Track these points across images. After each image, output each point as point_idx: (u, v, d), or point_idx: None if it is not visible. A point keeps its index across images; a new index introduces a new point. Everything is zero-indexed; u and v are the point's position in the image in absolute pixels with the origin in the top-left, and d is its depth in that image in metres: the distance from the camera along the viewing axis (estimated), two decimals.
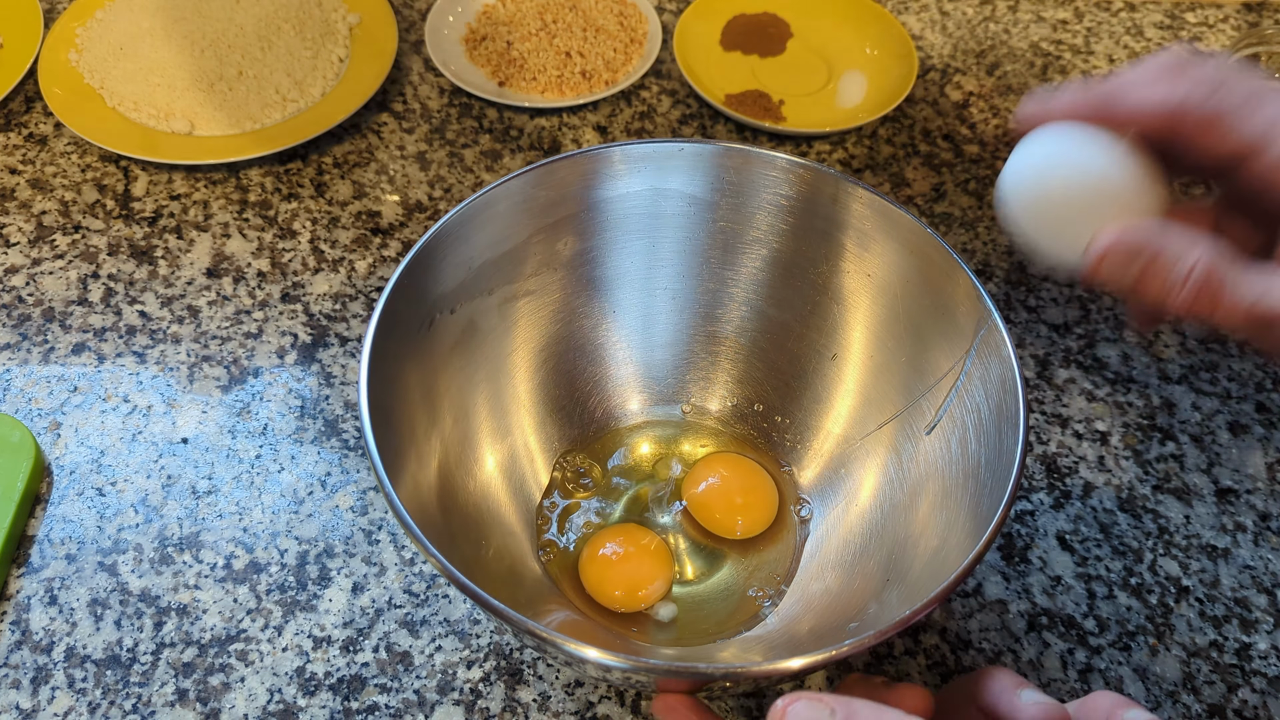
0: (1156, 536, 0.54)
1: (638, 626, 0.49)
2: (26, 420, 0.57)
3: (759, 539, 0.52)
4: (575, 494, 0.53)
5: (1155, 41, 0.82)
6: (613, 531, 0.51)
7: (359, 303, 0.63)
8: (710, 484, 0.52)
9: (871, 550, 0.47)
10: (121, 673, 0.48)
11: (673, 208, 0.51)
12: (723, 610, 0.49)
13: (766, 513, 0.52)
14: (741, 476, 0.53)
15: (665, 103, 0.75)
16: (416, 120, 0.73)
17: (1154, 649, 0.51)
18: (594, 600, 0.49)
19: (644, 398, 0.56)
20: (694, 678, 0.36)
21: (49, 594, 0.51)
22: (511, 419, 0.53)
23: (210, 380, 0.59)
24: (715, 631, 0.49)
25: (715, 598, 0.50)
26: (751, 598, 0.50)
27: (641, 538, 0.50)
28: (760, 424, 0.55)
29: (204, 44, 0.74)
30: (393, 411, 0.43)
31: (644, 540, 0.50)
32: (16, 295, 0.63)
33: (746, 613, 0.49)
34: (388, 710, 0.48)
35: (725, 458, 0.54)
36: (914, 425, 0.48)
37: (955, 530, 0.42)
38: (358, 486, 0.55)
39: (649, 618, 0.49)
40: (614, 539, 0.50)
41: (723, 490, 0.52)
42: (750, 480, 0.53)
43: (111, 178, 0.69)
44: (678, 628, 0.49)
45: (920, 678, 0.49)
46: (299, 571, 0.52)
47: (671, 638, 0.49)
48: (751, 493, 0.52)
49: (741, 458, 0.54)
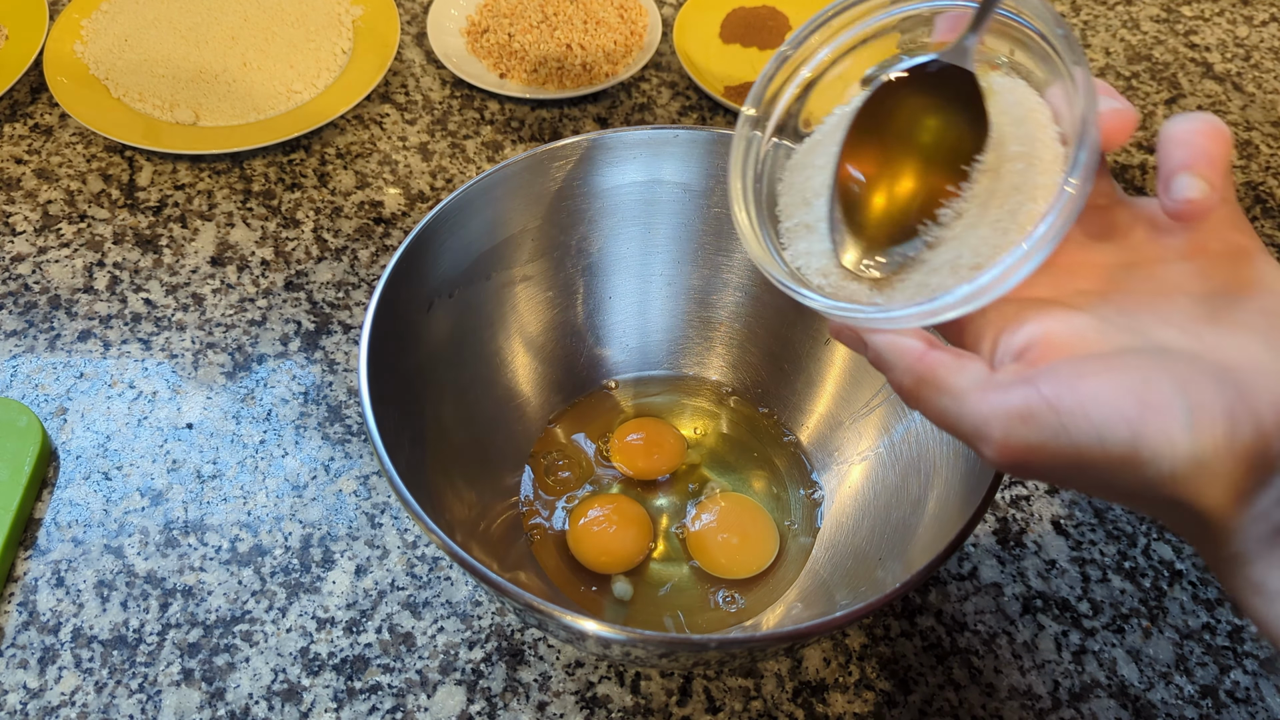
0: (1150, 521, 0.55)
1: (594, 603, 0.50)
2: (33, 406, 0.57)
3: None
4: (554, 489, 0.53)
5: (1152, 35, 0.82)
6: (604, 499, 0.53)
7: (361, 291, 0.63)
8: (712, 523, 0.52)
9: (864, 529, 0.48)
10: (128, 653, 0.49)
11: (668, 194, 0.52)
12: (680, 601, 0.50)
13: (765, 558, 0.51)
14: (741, 520, 0.52)
15: (665, 95, 0.76)
16: (418, 111, 0.74)
17: (1147, 631, 0.51)
18: (572, 572, 0.50)
19: (639, 381, 0.57)
20: (691, 649, 0.36)
21: (56, 576, 0.51)
22: (509, 402, 0.54)
23: (215, 367, 0.60)
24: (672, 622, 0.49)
25: (678, 584, 0.51)
26: (715, 596, 0.50)
27: (628, 507, 0.52)
28: (756, 405, 0.56)
29: (208, 35, 0.74)
30: (393, 394, 0.44)
31: (630, 509, 0.51)
32: (23, 283, 0.63)
33: (705, 605, 0.50)
34: (390, 690, 0.48)
35: (730, 499, 0.53)
36: (904, 406, 0.49)
37: (947, 508, 0.42)
38: (360, 471, 0.55)
39: (605, 594, 0.50)
40: (603, 505, 0.52)
41: (721, 531, 0.51)
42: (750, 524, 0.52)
43: (116, 167, 0.70)
44: (629, 607, 0.50)
45: (916, 659, 0.50)
46: (303, 554, 0.52)
47: (623, 618, 0.49)
48: (750, 538, 0.51)
49: (744, 499, 0.53)
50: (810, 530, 0.52)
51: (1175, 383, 0.27)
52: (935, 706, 0.49)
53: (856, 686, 0.49)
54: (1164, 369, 0.27)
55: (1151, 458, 0.26)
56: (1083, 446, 0.27)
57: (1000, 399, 0.28)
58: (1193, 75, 0.79)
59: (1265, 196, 0.71)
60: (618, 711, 0.48)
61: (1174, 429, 0.26)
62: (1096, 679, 0.50)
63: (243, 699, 0.48)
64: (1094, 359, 0.28)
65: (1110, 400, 0.27)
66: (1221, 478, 0.27)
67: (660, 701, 0.48)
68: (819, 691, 0.49)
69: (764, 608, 0.49)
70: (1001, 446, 0.28)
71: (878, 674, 0.49)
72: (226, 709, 0.47)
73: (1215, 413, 0.27)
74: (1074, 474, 0.28)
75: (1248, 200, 0.71)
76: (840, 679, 0.49)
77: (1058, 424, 0.27)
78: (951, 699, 0.49)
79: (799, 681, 0.49)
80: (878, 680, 0.49)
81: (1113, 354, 0.29)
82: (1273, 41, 0.82)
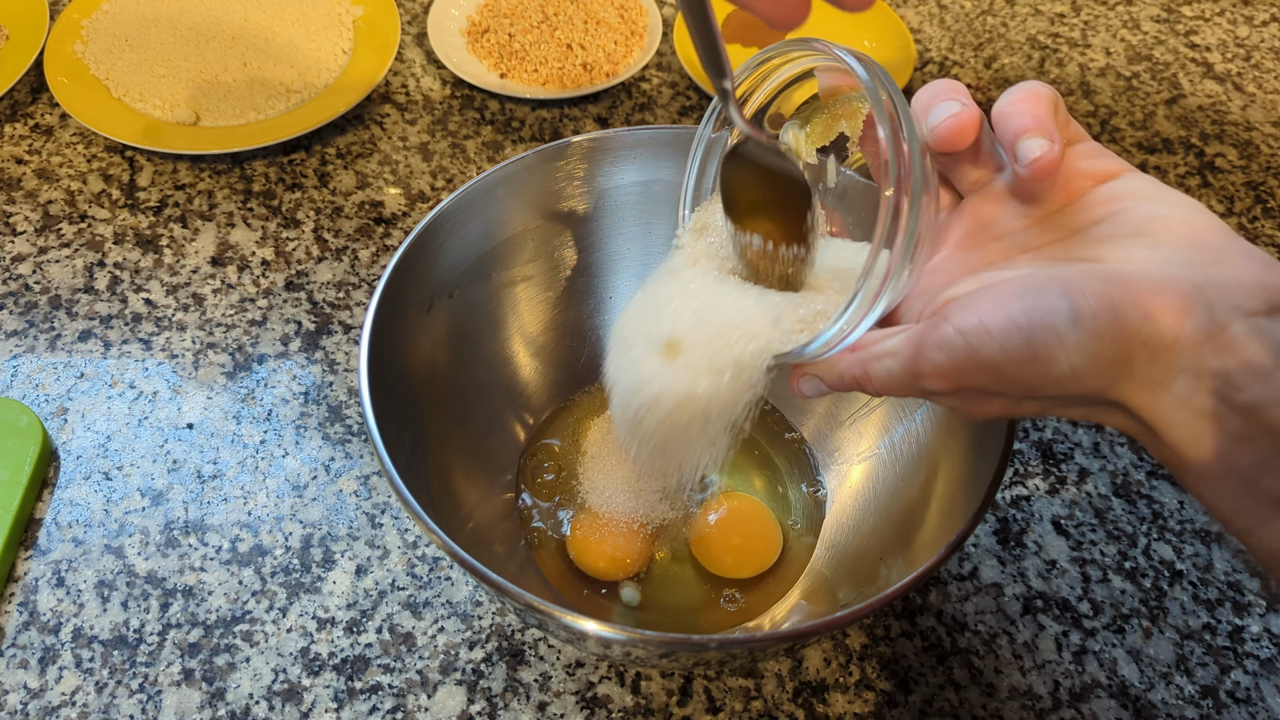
0: (1150, 521, 0.55)
1: (602, 609, 0.50)
2: (34, 406, 0.57)
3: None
4: (542, 491, 0.53)
5: (1152, 35, 0.82)
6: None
7: (362, 291, 0.63)
8: (715, 523, 0.52)
9: (865, 529, 0.48)
10: (128, 653, 0.49)
11: (668, 194, 0.52)
12: (685, 598, 0.50)
13: (769, 558, 0.51)
14: (745, 520, 0.52)
15: (666, 94, 0.76)
16: (419, 112, 0.74)
17: (1148, 631, 0.51)
18: (571, 575, 0.50)
19: None
20: (691, 649, 0.36)
21: (56, 576, 0.51)
22: (509, 402, 0.54)
23: (215, 367, 0.60)
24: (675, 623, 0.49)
25: (683, 584, 0.51)
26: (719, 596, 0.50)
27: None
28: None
29: (208, 35, 0.74)
30: (394, 394, 0.44)
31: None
32: (24, 283, 0.63)
33: (712, 604, 0.50)
34: (391, 690, 0.48)
35: (734, 499, 0.53)
36: (906, 406, 0.49)
37: (948, 508, 0.42)
38: (361, 471, 0.55)
39: (614, 600, 0.50)
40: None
41: (723, 532, 0.51)
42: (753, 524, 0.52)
43: (117, 167, 0.70)
44: (638, 612, 0.50)
45: (917, 659, 0.50)
46: (303, 554, 0.52)
47: (633, 621, 0.49)
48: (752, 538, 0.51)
49: (747, 498, 0.53)
50: (813, 529, 0.52)
51: (1058, 287, 0.30)
52: (935, 707, 0.49)
53: (857, 686, 0.49)
54: (1049, 280, 0.30)
55: (1049, 355, 0.29)
56: (993, 359, 0.30)
57: (918, 339, 0.32)
58: (1193, 75, 0.79)
59: (1265, 196, 0.71)
60: (618, 711, 0.48)
61: (1059, 324, 0.29)
62: (1097, 679, 0.50)
63: (243, 699, 0.48)
64: (987, 288, 0.32)
65: (1002, 313, 0.30)
66: (1120, 365, 0.29)
67: (660, 701, 0.48)
68: (819, 691, 0.49)
69: (768, 606, 0.49)
70: (932, 375, 0.32)
71: (878, 674, 0.49)
72: (227, 709, 0.47)
73: (1096, 304, 0.29)
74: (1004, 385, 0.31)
75: (1248, 200, 0.71)
76: (841, 679, 0.49)
77: (966, 344, 0.31)
78: (952, 699, 0.49)
79: (799, 681, 0.49)
80: (878, 680, 0.49)
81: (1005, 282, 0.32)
82: (1273, 41, 0.82)
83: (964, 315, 0.31)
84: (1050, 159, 0.32)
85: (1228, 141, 0.74)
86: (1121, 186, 0.33)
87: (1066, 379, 0.30)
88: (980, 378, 0.31)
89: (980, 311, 0.31)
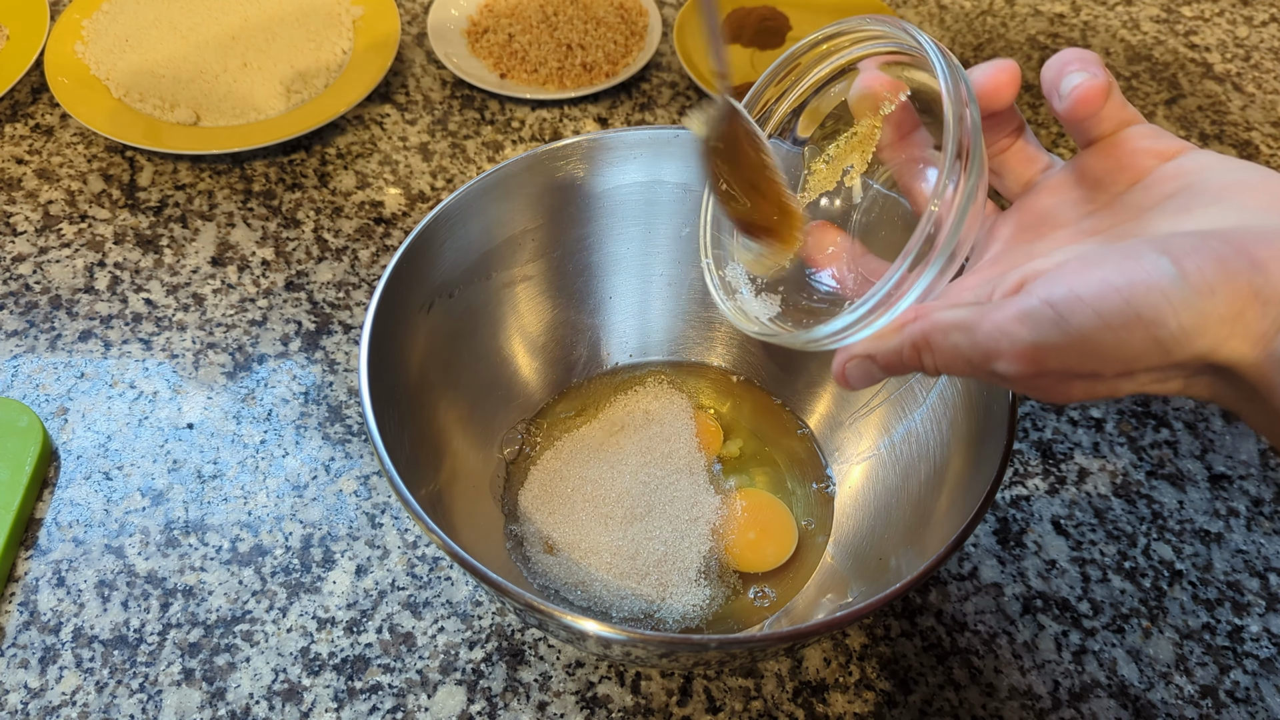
0: (1150, 521, 0.55)
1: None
2: (34, 406, 0.57)
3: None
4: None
5: (1152, 35, 0.83)
6: None
7: (362, 291, 0.63)
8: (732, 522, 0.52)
9: (865, 529, 0.48)
10: (128, 653, 0.49)
11: (668, 194, 0.52)
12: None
13: (785, 550, 0.51)
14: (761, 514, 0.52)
15: (665, 95, 0.76)
16: (419, 112, 0.74)
17: (1147, 631, 0.51)
18: None
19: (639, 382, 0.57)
20: (691, 649, 0.37)
21: (57, 576, 0.52)
22: (509, 402, 0.54)
23: (215, 367, 0.60)
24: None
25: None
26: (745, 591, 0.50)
27: None
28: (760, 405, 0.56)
29: (208, 35, 0.74)
30: (394, 394, 0.44)
31: None
32: (24, 283, 0.63)
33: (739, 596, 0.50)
34: (391, 690, 0.48)
35: (746, 495, 0.53)
36: (905, 406, 0.49)
37: (947, 508, 0.42)
38: (361, 471, 0.55)
39: None
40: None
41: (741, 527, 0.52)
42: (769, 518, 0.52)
43: (117, 168, 0.70)
44: None
45: (917, 659, 0.50)
46: (303, 554, 0.52)
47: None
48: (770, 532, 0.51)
49: (761, 494, 0.53)
50: (824, 527, 0.52)
51: (1155, 248, 0.28)
52: (935, 706, 0.49)
53: (857, 686, 0.49)
54: (1144, 244, 0.28)
55: (1154, 316, 0.27)
56: (1086, 330, 0.28)
57: (1000, 314, 0.29)
58: (1193, 75, 0.79)
59: None
60: (618, 711, 0.48)
61: (1163, 282, 0.27)
62: (1096, 679, 0.50)
63: (243, 699, 0.48)
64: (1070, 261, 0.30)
65: (1097, 278, 0.28)
66: (1232, 321, 0.27)
67: (660, 701, 0.48)
68: (819, 691, 0.49)
69: (789, 599, 0.49)
70: (1013, 355, 0.29)
71: (878, 674, 0.49)
72: (227, 709, 0.47)
73: (1201, 259, 0.27)
74: (1094, 362, 0.28)
75: None
76: (840, 679, 0.49)
77: (1055, 316, 0.28)
78: (951, 699, 0.49)
79: (799, 681, 0.49)
80: (878, 680, 0.49)
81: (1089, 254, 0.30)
82: (1273, 42, 0.82)
83: (1050, 286, 0.29)
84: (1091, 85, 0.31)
85: (1227, 142, 0.74)
86: (1190, 161, 0.32)
87: (1174, 341, 0.27)
88: (1067, 357, 0.29)
89: (1069, 282, 0.28)
